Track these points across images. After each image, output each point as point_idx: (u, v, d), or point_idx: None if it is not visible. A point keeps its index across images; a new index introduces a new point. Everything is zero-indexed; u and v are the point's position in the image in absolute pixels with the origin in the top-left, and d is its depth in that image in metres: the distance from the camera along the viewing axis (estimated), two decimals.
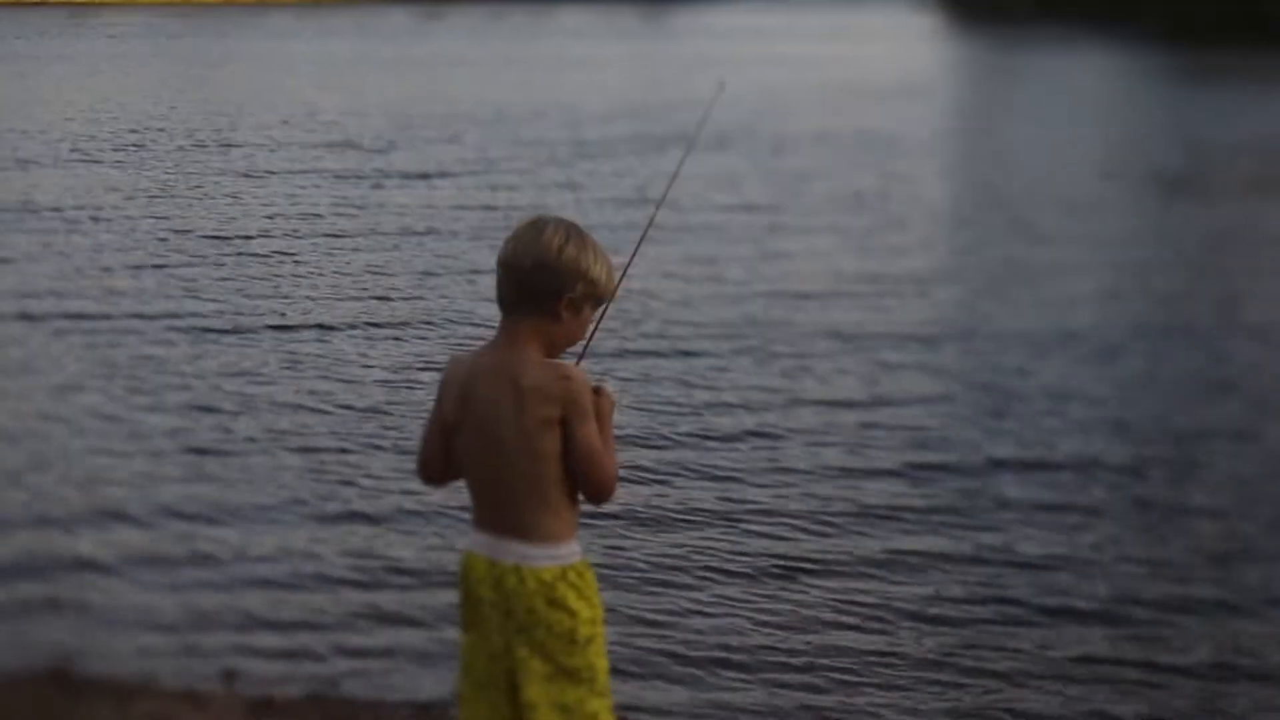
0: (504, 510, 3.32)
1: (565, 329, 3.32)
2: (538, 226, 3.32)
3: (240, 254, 12.47)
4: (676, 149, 18.94)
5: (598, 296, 3.35)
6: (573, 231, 3.31)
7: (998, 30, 54.46)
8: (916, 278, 12.12)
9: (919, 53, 43.70)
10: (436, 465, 3.44)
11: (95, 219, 14.02)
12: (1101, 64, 37.14)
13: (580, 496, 3.35)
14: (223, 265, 12.07)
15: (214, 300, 10.79)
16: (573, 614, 3.30)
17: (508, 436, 3.27)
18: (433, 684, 5.16)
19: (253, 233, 13.53)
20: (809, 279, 11.86)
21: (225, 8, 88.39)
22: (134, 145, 19.38)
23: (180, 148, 19.16)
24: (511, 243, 3.32)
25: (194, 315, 10.35)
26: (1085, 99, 27.38)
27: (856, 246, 13.35)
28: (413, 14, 71.79)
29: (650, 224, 4.06)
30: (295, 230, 13.68)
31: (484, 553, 3.35)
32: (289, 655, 5.47)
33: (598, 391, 3.35)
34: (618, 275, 3.43)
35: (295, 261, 12.38)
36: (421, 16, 69.08)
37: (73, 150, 18.94)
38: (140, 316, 10.32)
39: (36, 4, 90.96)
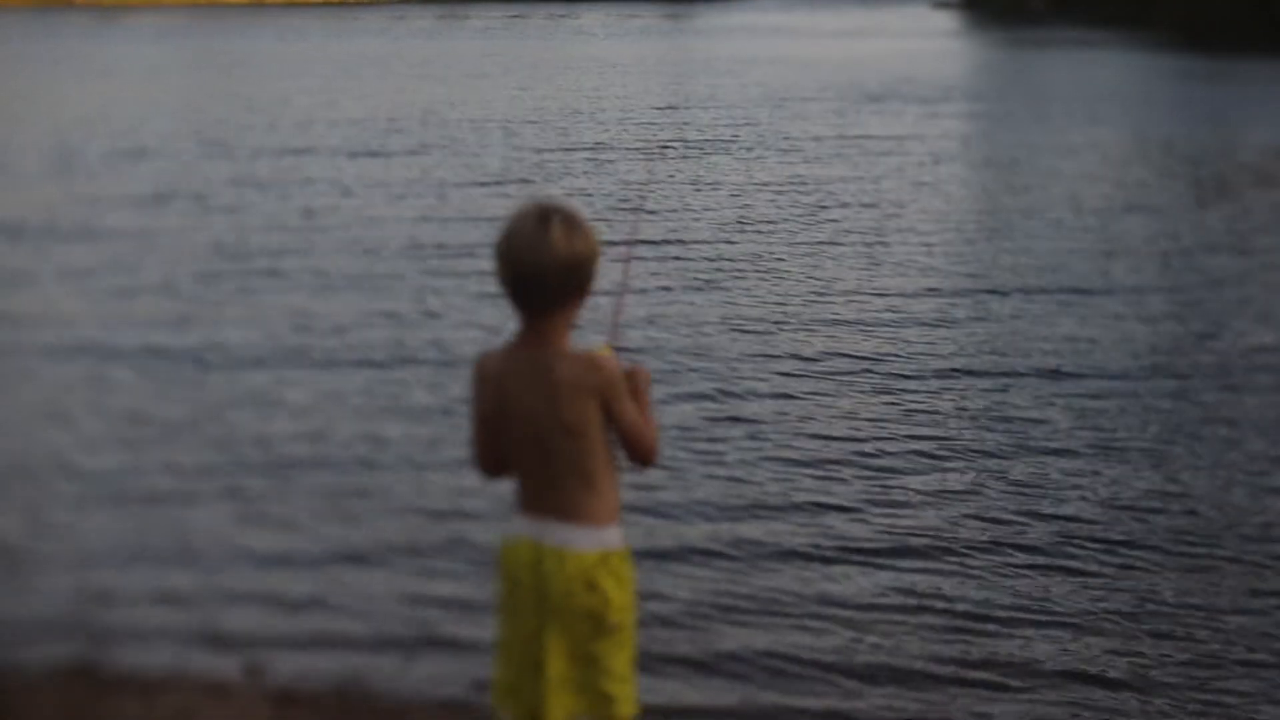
0: (550, 495, 3.39)
1: (585, 302, 3.41)
2: (539, 229, 3.29)
3: (214, 273, 12.14)
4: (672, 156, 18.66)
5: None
6: (570, 218, 3.34)
7: (1015, 30, 54.13)
8: (910, 298, 11.28)
9: (940, 52, 43.25)
10: (489, 459, 3.50)
11: (44, 230, 13.95)
12: (1120, 65, 36.67)
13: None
14: (196, 284, 11.78)
15: (183, 325, 10.48)
16: (606, 600, 3.37)
17: (548, 431, 3.34)
18: (455, 677, 5.24)
19: (229, 247, 13.27)
20: (777, 304, 11.04)
21: (253, 8, 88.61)
22: (124, 153, 19.34)
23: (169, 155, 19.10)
24: (523, 252, 3.30)
25: (149, 344, 9.98)
26: (1110, 100, 26.84)
27: (844, 267, 12.45)
28: (433, 15, 71.73)
29: (630, 249, 4.13)
30: (283, 245, 13.32)
31: (528, 535, 3.41)
32: (313, 648, 5.54)
33: (632, 374, 3.46)
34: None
35: (269, 274, 12.08)
36: (444, 19, 69.04)
37: (57, 158, 18.89)
38: (91, 347, 9.98)
39: (64, 5, 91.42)
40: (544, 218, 3.32)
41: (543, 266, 3.28)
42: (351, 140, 20.90)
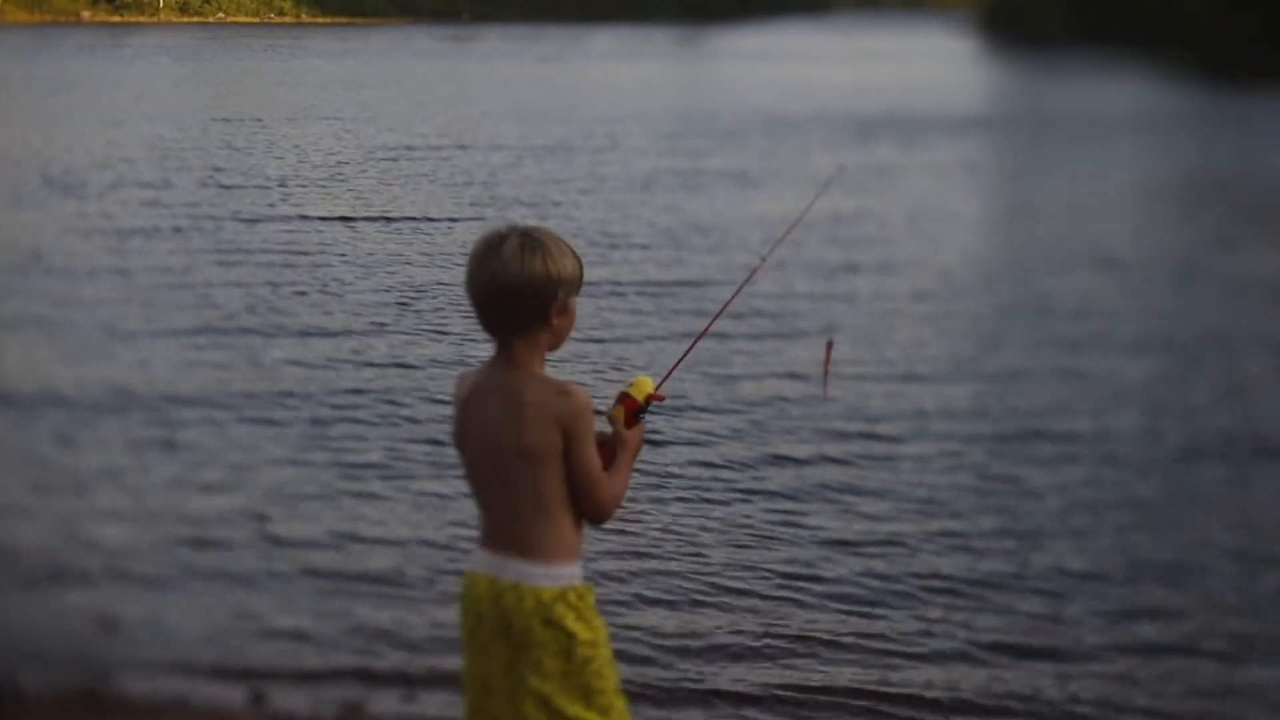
0: (507, 528, 3.34)
1: (559, 328, 3.34)
2: (493, 249, 3.26)
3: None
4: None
5: (577, 288, 3.35)
6: (527, 241, 3.26)
7: (1033, 55, 53.72)
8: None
9: (957, 78, 42.67)
10: None
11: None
12: (1141, 94, 36.01)
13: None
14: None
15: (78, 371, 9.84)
16: (569, 635, 3.31)
17: (510, 457, 3.30)
18: (457, 709, 5.08)
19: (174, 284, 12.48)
20: (750, 346, 10.38)
21: (260, 27, 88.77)
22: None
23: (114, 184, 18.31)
24: (476, 274, 3.29)
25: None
26: (1131, 132, 26.14)
27: (826, 306, 11.78)
28: (442, 36, 71.88)
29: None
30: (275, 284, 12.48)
31: (486, 570, 3.38)
32: (315, 677, 5.53)
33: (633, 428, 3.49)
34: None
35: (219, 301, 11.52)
36: (453, 39, 69.17)
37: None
38: None
39: (72, 23, 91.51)
40: (501, 238, 3.29)
41: (490, 286, 3.26)
42: (321, 169, 20.00)
